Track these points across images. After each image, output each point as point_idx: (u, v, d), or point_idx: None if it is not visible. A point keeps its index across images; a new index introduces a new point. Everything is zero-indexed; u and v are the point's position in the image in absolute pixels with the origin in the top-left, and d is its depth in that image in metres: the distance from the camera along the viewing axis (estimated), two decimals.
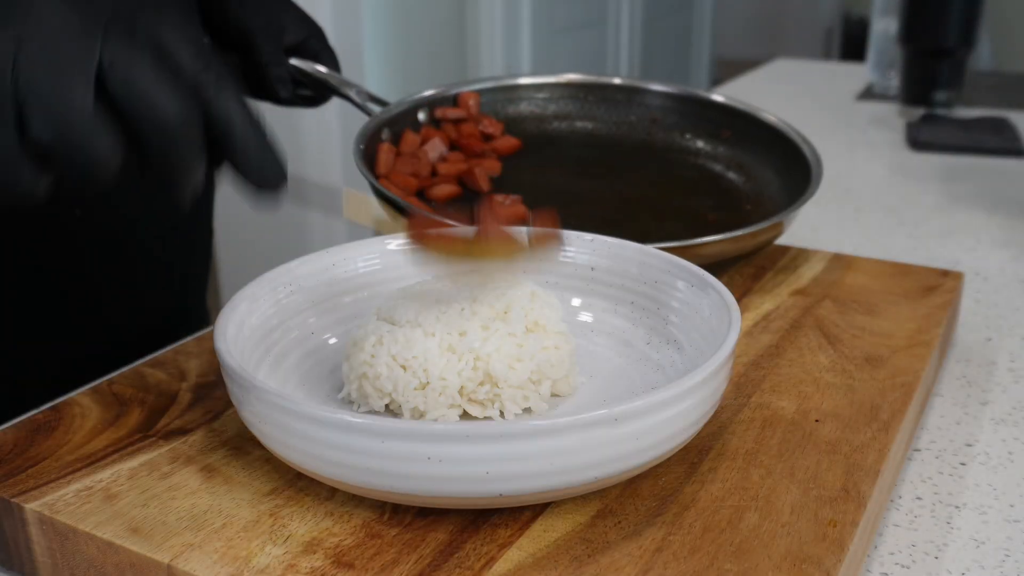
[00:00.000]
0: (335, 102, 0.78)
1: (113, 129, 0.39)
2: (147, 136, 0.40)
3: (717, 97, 0.83)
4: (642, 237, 0.60)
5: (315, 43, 0.76)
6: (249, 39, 0.73)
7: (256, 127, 0.43)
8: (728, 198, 0.77)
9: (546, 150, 0.84)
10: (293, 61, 0.74)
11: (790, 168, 0.75)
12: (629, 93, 0.86)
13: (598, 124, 0.86)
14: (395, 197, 0.66)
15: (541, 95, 0.86)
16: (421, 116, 0.79)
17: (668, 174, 0.81)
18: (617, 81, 0.86)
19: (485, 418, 0.48)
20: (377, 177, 0.71)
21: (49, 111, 0.38)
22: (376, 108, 0.78)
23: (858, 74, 1.67)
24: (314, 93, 0.77)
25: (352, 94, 0.77)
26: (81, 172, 0.39)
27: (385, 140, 0.77)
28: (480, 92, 0.83)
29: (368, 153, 0.72)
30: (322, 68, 0.75)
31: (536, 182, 0.79)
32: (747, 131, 0.80)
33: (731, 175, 0.80)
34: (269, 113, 0.48)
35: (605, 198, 0.78)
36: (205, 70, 0.41)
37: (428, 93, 0.81)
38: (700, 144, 0.83)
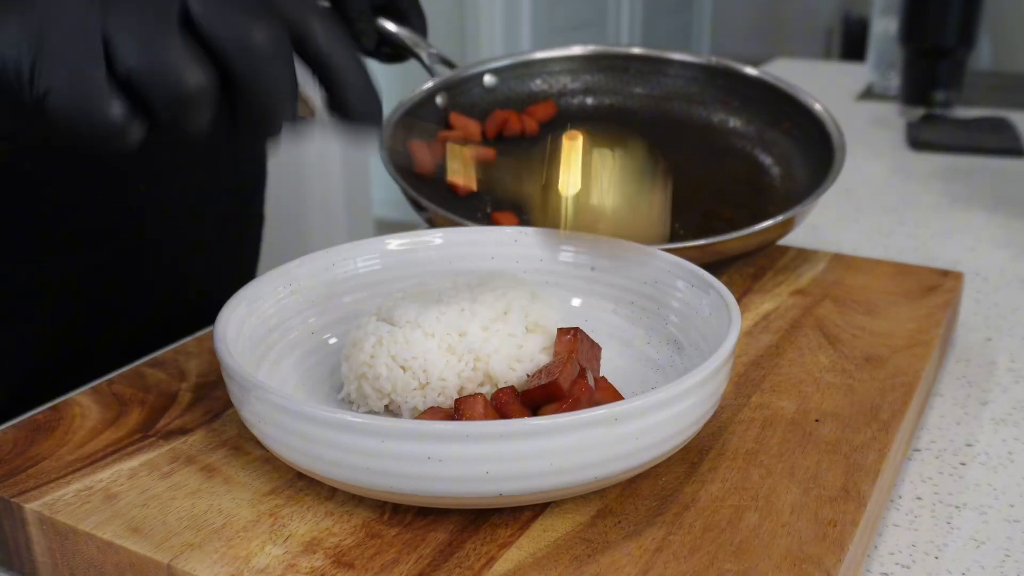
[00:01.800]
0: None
1: (203, 61, 0.38)
2: (237, 65, 0.38)
3: (790, 89, 0.81)
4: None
5: (404, 2, 0.80)
6: None
7: (357, 60, 0.41)
8: (756, 198, 0.76)
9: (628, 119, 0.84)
10: (380, 20, 0.79)
11: (822, 178, 0.73)
12: (710, 72, 0.86)
13: (672, 102, 0.86)
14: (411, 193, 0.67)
15: (614, 69, 0.87)
16: (439, 100, 0.81)
17: (713, 160, 0.80)
18: (710, 61, 0.86)
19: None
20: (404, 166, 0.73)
21: (135, 40, 0.37)
22: (444, 70, 0.81)
23: (858, 74, 1.67)
24: (395, 51, 0.81)
25: (423, 55, 0.80)
26: (171, 104, 0.37)
27: (442, 106, 0.80)
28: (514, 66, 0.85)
29: (400, 133, 0.75)
30: (392, 27, 0.79)
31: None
32: (804, 126, 0.78)
33: (775, 170, 0.79)
34: None
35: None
36: (302, 3, 0.40)
37: (453, 73, 0.83)
38: (760, 129, 0.82)
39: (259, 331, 0.51)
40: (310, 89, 0.42)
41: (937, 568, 0.46)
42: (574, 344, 0.48)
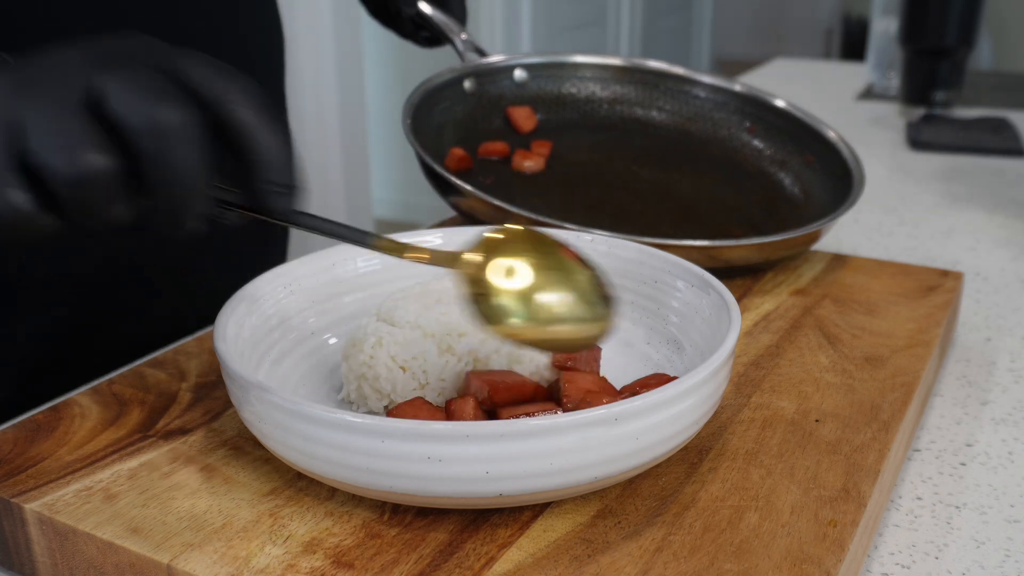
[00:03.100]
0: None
1: (106, 143, 0.37)
2: (142, 148, 0.38)
3: (817, 124, 0.82)
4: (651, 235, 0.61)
5: None
6: None
7: (283, 134, 0.40)
8: (770, 220, 0.76)
9: (635, 136, 0.85)
10: (421, 3, 0.80)
11: (837, 207, 0.73)
12: (736, 99, 0.87)
13: (698, 122, 0.86)
14: (444, 172, 0.68)
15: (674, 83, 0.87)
16: (467, 85, 0.82)
17: (731, 180, 0.81)
18: (737, 87, 0.87)
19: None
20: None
21: (35, 122, 0.37)
22: (476, 58, 0.82)
23: (858, 74, 1.67)
24: (433, 35, 0.82)
25: (457, 41, 0.81)
26: (70, 186, 0.37)
27: (470, 91, 0.81)
28: (534, 66, 0.86)
29: (420, 115, 0.75)
30: (429, 10, 0.80)
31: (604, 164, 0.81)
32: (827, 159, 0.79)
33: (792, 196, 0.79)
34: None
35: (646, 191, 0.78)
36: (215, 79, 0.39)
37: (485, 61, 0.83)
38: (783, 159, 0.83)
39: (259, 331, 0.51)
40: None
41: (937, 568, 0.46)
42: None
